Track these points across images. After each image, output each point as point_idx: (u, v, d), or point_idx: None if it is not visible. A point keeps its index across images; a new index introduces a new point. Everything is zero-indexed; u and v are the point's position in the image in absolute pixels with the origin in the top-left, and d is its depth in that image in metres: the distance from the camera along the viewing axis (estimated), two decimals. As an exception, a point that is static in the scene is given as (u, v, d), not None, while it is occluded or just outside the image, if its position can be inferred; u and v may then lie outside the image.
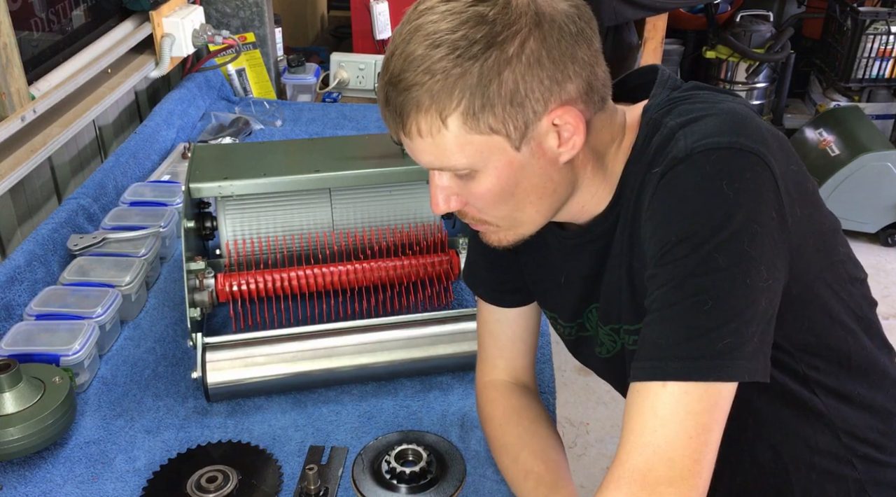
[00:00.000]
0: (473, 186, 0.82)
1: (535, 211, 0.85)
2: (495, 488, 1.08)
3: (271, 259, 1.40)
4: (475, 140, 0.77)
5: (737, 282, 0.74)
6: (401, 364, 1.26)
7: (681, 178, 0.76)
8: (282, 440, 1.16)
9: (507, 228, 0.88)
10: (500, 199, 0.83)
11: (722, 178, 0.74)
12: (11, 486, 1.09)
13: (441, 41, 0.74)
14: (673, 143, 0.78)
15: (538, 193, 0.83)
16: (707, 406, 0.75)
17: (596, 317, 0.98)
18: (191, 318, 1.25)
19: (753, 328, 0.75)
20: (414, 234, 1.45)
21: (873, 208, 3.34)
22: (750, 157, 0.75)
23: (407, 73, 0.75)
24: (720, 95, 0.84)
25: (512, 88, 0.75)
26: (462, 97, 0.75)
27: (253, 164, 1.42)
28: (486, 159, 0.79)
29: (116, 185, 1.67)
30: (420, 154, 0.81)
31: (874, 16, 3.59)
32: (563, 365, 2.68)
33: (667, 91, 0.86)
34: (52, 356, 1.20)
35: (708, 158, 0.75)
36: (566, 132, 0.79)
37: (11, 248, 1.49)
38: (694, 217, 0.74)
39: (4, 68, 1.42)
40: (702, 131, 0.76)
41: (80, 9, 1.75)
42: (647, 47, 3.26)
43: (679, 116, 0.80)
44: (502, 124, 0.76)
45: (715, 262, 0.73)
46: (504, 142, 0.78)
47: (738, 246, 0.73)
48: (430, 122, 0.77)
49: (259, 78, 2.34)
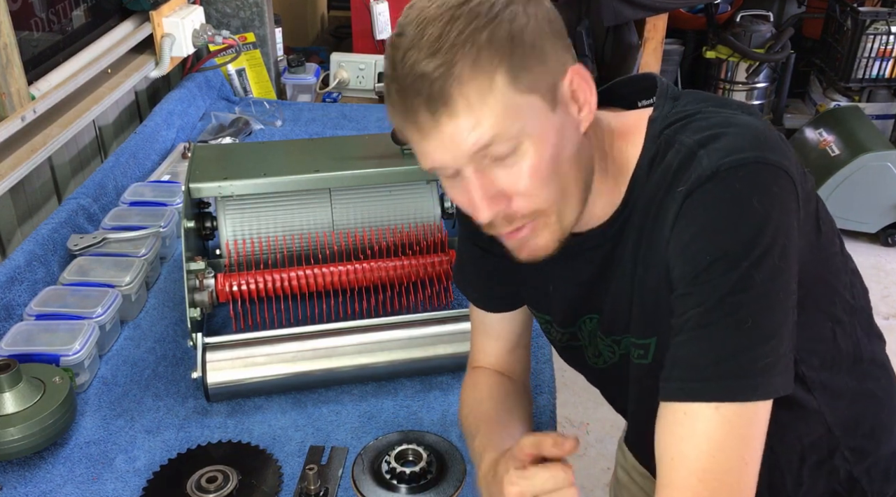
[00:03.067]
0: (522, 164, 0.78)
1: (576, 186, 0.83)
2: (495, 488, 1.08)
3: (271, 259, 1.40)
4: (520, 102, 0.76)
5: (772, 298, 0.75)
6: (401, 364, 1.26)
7: (709, 196, 0.76)
8: (282, 440, 1.16)
9: (554, 220, 0.83)
10: (550, 172, 0.79)
11: (752, 193, 0.74)
12: (11, 486, 1.09)
13: (456, 15, 0.74)
14: (696, 162, 0.77)
15: (577, 164, 0.82)
16: (753, 425, 0.76)
17: (592, 327, 0.97)
18: (191, 318, 1.25)
19: (786, 343, 0.77)
20: (414, 234, 1.45)
21: (873, 208, 3.34)
22: (775, 170, 0.76)
23: (435, 58, 0.73)
24: (729, 110, 0.84)
25: (538, 45, 0.76)
26: (501, 57, 0.74)
27: (253, 164, 1.42)
28: (532, 124, 0.77)
29: (116, 185, 1.67)
30: (457, 142, 0.76)
31: (874, 16, 3.59)
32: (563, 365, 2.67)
33: (669, 102, 0.86)
34: (52, 356, 1.20)
35: (736, 174, 0.75)
36: (581, 96, 0.80)
37: (11, 248, 1.49)
38: (727, 234, 0.75)
39: (4, 68, 1.42)
40: (725, 148, 0.76)
41: (80, 9, 1.75)
42: (647, 47, 3.26)
43: (696, 133, 0.80)
44: (538, 82, 0.76)
45: (752, 280, 0.74)
46: (541, 102, 0.77)
47: (771, 261, 0.74)
48: (479, 88, 0.74)
49: (259, 78, 2.34)
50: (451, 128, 0.75)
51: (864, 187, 3.28)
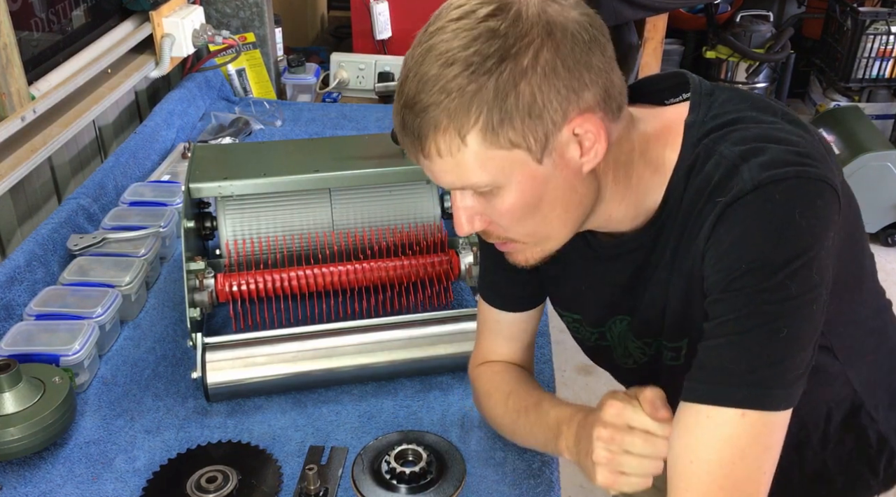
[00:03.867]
0: (497, 203, 0.80)
1: (561, 224, 0.84)
2: (495, 488, 1.08)
3: (271, 259, 1.40)
4: (496, 155, 0.76)
5: (807, 310, 0.75)
6: (401, 364, 1.26)
7: (750, 208, 0.75)
8: (282, 440, 1.16)
9: (533, 245, 0.86)
10: (525, 215, 0.81)
11: (795, 207, 0.74)
12: (11, 486, 1.09)
13: (454, 59, 0.73)
14: (738, 176, 0.76)
15: (563, 206, 0.82)
16: (774, 434, 0.77)
17: (622, 328, 0.97)
18: (191, 318, 1.25)
19: (811, 353, 0.77)
20: (414, 234, 1.44)
21: (873, 208, 3.34)
22: (819, 184, 0.75)
23: (422, 95, 0.75)
24: (770, 117, 0.82)
25: (529, 100, 0.74)
26: (480, 113, 0.73)
27: (253, 164, 1.42)
28: (508, 175, 0.77)
29: (116, 185, 1.67)
30: (441, 175, 0.80)
31: (874, 16, 3.59)
32: (563, 365, 2.68)
33: (706, 100, 0.84)
34: (52, 356, 1.20)
35: (778, 188, 0.74)
36: (587, 141, 0.78)
37: (11, 248, 1.49)
38: (767, 244, 0.74)
39: (4, 68, 1.42)
40: (768, 162, 0.76)
41: (80, 9, 1.75)
42: (647, 47, 3.26)
43: (737, 145, 0.79)
44: (522, 137, 0.75)
45: (789, 291, 0.74)
46: (525, 155, 0.76)
47: (808, 273, 0.74)
48: (449, 141, 0.75)
49: (259, 78, 2.34)
50: (429, 163, 0.79)
51: (864, 187, 3.28)
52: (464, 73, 0.73)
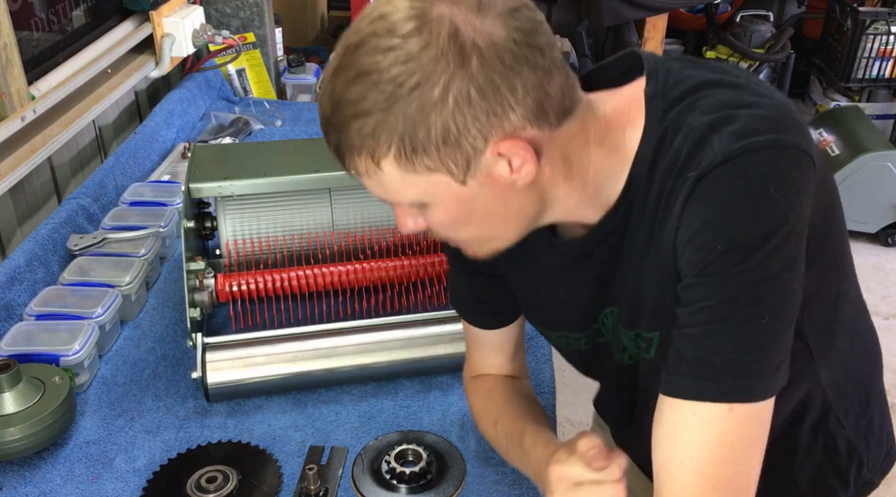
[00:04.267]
0: (428, 217, 0.79)
1: (502, 230, 0.81)
2: (495, 488, 1.08)
3: (271, 259, 1.40)
4: (415, 179, 0.73)
5: (787, 290, 0.72)
6: (401, 364, 1.26)
7: (722, 182, 0.71)
8: (282, 440, 1.16)
9: (478, 245, 0.84)
10: (458, 227, 0.79)
11: (770, 180, 0.70)
12: (11, 486, 1.09)
13: (369, 81, 0.69)
14: (707, 147, 0.72)
15: (499, 217, 0.79)
16: (761, 424, 0.74)
17: (613, 321, 0.92)
18: (191, 318, 1.25)
19: (791, 334, 0.74)
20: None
21: (873, 208, 3.34)
22: (794, 152, 0.71)
23: (337, 115, 0.72)
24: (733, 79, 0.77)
25: (442, 130, 0.69)
26: (391, 142, 0.70)
27: (253, 164, 1.42)
28: (431, 195, 0.75)
29: (116, 185, 1.67)
30: (369, 187, 0.78)
31: (874, 16, 3.59)
32: (563, 365, 2.67)
33: (663, 72, 0.79)
34: (52, 356, 1.20)
35: (751, 159, 0.70)
36: (516, 160, 0.73)
37: (11, 248, 1.49)
38: (742, 222, 0.70)
39: (4, 68, 1.42)
40: (739, 131, 0.71)
41: (80, 9, 1.75)
42: (647, 47, 3.26)
43: (705, 114, 0.74)
44: (440, 164, 0.72)
45: (767, 272, 0.71)
46: (447, 178, 0.73)
47: (787, 250, 0.71)
48: (364, 165, 0.73)
49: (259, 78, 2.34)
50: (356, 175, 0.77)
51: (864, 187, 3.28)
52: (377, 97, 0.69)
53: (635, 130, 0.79)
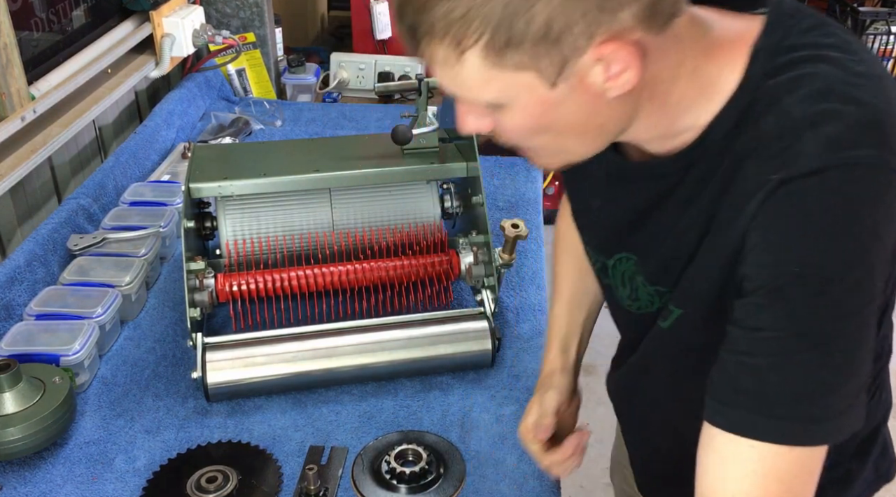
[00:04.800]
0: (501, 120, 0.71)
1: (579, 143, 0.74)
2: (495, 488, 1.08)
3: (271, 259, 1.40)
4: (499, 76, 0.65)
5: (864, 329, 0.67)
6: (401, 364, 1.26)
7: (810, 194, 0.64)
8: (282, 440, 1.16)
9: (547, 156, 0.77)
10: (532, 135, 0.72)
11: (863, 203, 0.64)
12: (11, 486, 1.09)
13: None
14: (800, 147, 0.65)
15: (579, 129, 0.71)
16: (818, 466, 0.70)
17: (627, 268, 0.86)
18: (191, 318, 1.25)
19: (866, 372, 0.69)
20: (414, 234, 1.44)
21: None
22: (890, 175, 0.64)
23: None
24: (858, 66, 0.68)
25: (544, 24, 0.61)
26: (483, 30, 0.62)
27: (253, 164, 1.42)
28: (512, 96, 0.67)
29: (116, 185, 1.67)
30: (439, 79, 0.70)
31: (874, 16, 3.59)
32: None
33: (784, 26, 0.70)
34: (52, 356, 1.20)
35: (846, 176, 0.63)
36: (616, 67, 0.65)
37: (11, 248, 1.49)
38: (825, 248, 0.64)
39: (4, 68, 1.42)
40: (838, 137, 0.64)
41: (80, 9, 1.75)
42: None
43: (805, 103, 0.66)
44: (532, 61, 0.64)
45: (846, 308, 0.65)
46: (535, 78, 0.65)
47: (866, 284, 0.65)
48: (445, 53, 0.65)
49: (259, 78, 2.34)
50: (427, 62, 0.69)
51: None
52: None
53: (732, 75, 0.71)
